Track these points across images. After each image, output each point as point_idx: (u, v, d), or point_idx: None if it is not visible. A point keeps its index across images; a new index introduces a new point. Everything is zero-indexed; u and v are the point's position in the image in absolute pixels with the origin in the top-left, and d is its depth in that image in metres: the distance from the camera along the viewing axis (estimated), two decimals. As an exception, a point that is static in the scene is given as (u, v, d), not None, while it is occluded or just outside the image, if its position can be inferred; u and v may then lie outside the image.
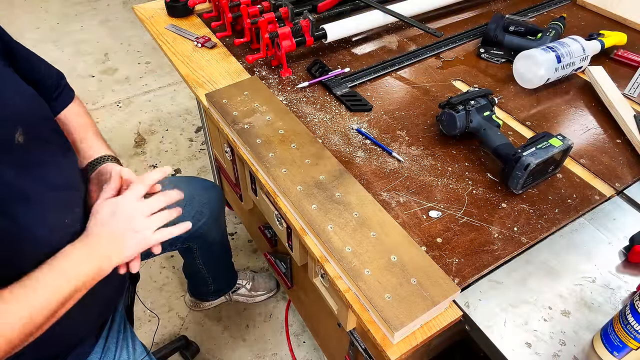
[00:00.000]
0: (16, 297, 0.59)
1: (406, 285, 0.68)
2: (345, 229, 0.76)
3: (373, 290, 0.68)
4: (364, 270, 0.70)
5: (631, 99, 1.09)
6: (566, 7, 1.44)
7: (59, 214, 0.69)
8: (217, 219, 1.23)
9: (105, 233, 0.69)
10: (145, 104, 2.47)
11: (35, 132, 0.66)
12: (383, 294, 0.67)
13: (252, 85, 1.04)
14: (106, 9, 3.26)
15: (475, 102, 0.92)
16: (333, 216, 0.78)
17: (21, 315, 0.58)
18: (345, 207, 0.79)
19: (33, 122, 0.66)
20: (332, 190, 0.82)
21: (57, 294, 0.62)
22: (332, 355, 1.28)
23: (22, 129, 0.63)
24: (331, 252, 0.73)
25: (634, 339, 0.61)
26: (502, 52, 1.20)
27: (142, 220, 0.71)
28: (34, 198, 0.64)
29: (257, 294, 1.62)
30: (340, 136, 0.97)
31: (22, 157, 0.63)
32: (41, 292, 0.60)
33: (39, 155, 0.67)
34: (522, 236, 0.80)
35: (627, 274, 0.76)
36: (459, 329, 0.72)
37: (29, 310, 0.59)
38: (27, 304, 0.59)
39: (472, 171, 0.91)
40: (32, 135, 0.65)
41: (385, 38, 1.28)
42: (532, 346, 0.66)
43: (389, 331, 0.65)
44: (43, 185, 0.66)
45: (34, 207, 0.64)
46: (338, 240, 0.74)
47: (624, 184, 0.90)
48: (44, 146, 0.68)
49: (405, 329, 0.65)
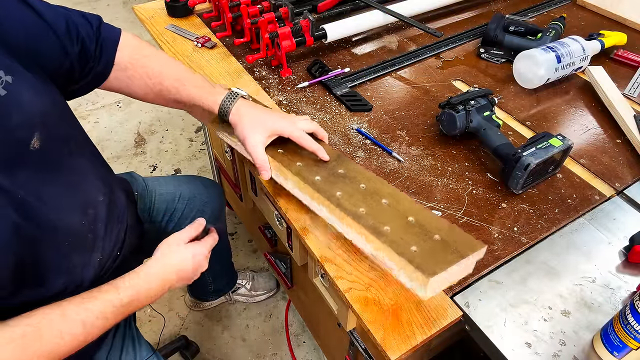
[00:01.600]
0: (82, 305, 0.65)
1: (430, 241, 0.63)
2: (355, 195, 0.72)
3: (397, 244, 0.62)
4: (383, 228, 0.65)
5: (631, 99, 1.09)
6: (566, 7, 1.44)
7: (75, 217, 0.70)
8: (217, 218, 1.23)
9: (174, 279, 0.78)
10: (145, 104, 2.45)
11: (52, 136, 0.65)
12: (408, 248, 0.62)
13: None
14: (106, 9, 3.26)
15: (475, 102, 0.93)
16: (341, 186, 0.74)
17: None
18: (351, 180, 0.75)
19: (50, 126, 0.65)
20: (333, 168, 0.78)
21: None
22: (332, 355, 1.28)
23: (39, 134, 0.62)
24: (345, 212, 0.68)
25: (634, 339, 0.61)
26: (502, 52, 1.21)
27: (194, 265, 0.81)
28: (50, 202, 0.64)
29: (257, 294, 1.62)
30: (340, 136, 0.97)
31: (38, 161, 0.62)
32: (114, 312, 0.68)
33: (55, 158, 0.66)
34: (522, 236, 0.80)
35: (627, 274, 0.76)
36: (459, 329, 0.72)
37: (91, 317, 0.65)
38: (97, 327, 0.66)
39: (472, 171, 0.91)
40: (49, 140, 0.64)
41: (385, 38, 1.28)
42: (532, 346, 0.66)
43: (422, 281, 0.59)
44: (59, 189, 0.66)
45: (50, 211, 0.64)
46: (350, 204, 0.70)
47: (624, 184, 0.90)
48: (60, 150, 0.67)
49: (438, 280, 0.59)
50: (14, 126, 0.58)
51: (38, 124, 0.62)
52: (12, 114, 0.58)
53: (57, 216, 0.66)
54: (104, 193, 0.78)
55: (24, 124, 0.60)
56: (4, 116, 0.57)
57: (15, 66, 0.60)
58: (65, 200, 0.68)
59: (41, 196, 0.63)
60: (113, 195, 0.82)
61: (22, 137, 0.60)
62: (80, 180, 0.72)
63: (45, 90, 0.66)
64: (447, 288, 0.72)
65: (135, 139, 2.26)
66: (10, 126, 0.58)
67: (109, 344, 0.87)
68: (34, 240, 0.62)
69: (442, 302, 0.70)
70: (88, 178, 0.75)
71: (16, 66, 0.61)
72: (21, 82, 0.60)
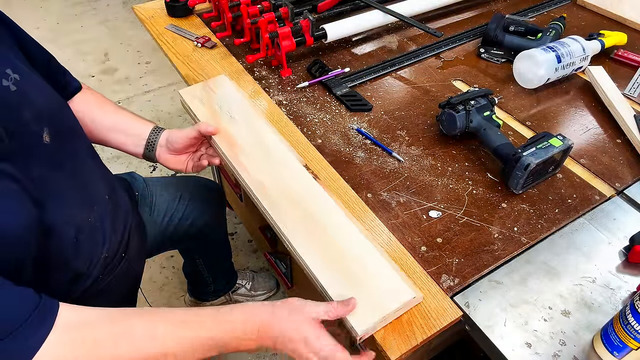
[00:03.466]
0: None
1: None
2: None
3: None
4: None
5: (631, 99, 1.09)
6: (566, 7, 1.44)
7: (84, 213, 0.72)
8: (217, 218, 1.23)
9: (276, 324, 0.62)
10: (145, 104, 2.46)
11: (59, 132, 0.69)
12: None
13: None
14: (106, 9, 3.26)
15: (475, 102, 0.92)
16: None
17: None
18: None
19: (58, 123, 0.69)
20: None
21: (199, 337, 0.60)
22: (332, 355, 1.28)
23: (48, 129, 0.66)
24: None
25: (634, 339, 0.61)
26: (502, 52, 1.20)
27: (311, 344, 0.61)
28: (61, 195, 0.67)
29: (257, 294, 1.62)
30: (340, 136, 0.97)
31: (50, 155, 0.66)
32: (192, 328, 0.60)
33: (64, 154, 0.69)
34: (522, 236, 0.80)
35: (627, 274, 0.76)
36: (459, 329, 0.72)
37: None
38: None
39: (472, 171, 0.91)
40: (57, 135, 0.67)
41: (385, 38, 1.28)
42: (532, 346, 0.66)
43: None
44: (68, 183, 0.69)
45: (61, 205, 0.66)
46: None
47: (624, 184, 0.90)
48: (67, 146, 0.71)
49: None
50: (27, 120, 0.62)
51: (46, 119, 0.66)
52: (24, 108, 0.62)
53: (68, 211, 0.68)
54: (108, 192, 0.80)
55: (35, 118, 0.64)
56: (18, 110, 0.61)
57: (21, 67, 0.66)
58: (74, 195, 0.70)
59: (53, 190, 0.65)
60: (116, 194, 0.83)
61: (35, 130, 0.64)
62: (86, 177, 0.75)
63: (48, 89, 0.71)
64: (447, 288, 0.72)
65: (135, 139, 2.26)
66: (25, 119, 0.62)
67: None
68: (47, 233, 0.64)
69: (442, 302, 0.70)
70: (93, 176, 0.77)
71: (22, 67, 0.66)
72: (28, 81, 0.65)
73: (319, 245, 0.73)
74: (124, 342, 0.56)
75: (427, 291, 0.71)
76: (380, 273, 0.70)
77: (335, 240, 0.74)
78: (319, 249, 0.72)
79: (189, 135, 0.90)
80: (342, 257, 0.71)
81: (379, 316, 0.64)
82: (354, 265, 0.70)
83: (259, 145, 0.89)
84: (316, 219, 0.77)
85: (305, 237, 0.74)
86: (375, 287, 0.68)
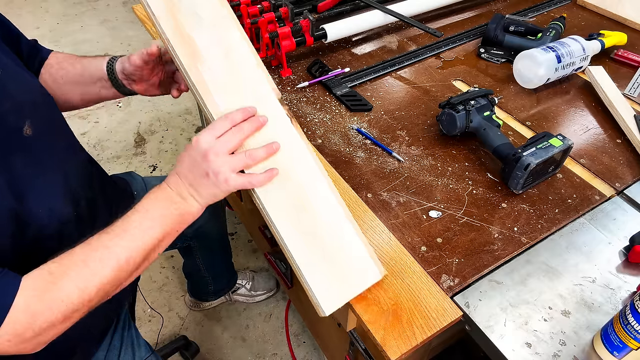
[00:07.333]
0: (114, 242, 0.60)
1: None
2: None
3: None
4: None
5: (631, 99, 1.09)
6: (566, 7, 1.44)
7: (67, 206, 0.72)
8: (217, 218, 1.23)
9: (182, 175, 0.65)
10: (145, 104, 2.47)
11: (42, 125, 0.69)
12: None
13: None
14: (106, 9, 3.26)
15: (475, 102, 0.92)
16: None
17: (119, 257, 0.60)
18: None
19: (41, 115, 0.70)
20: None
21: (147, 235, 0.62)
22: (332, 355, 1.28)
23: (30, 121, 0.66)
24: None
25: (634, 339, 0.61)
26: (502, 52, 1.20)
27: (216, 160, 0.62)
28: (41, 188, 0.67)
29: (257, 294, 1.62)
30: (340, 136, 0.97)
31: (32, 147, 0.66)
32: (132, 233, 0.61)
33: (47, 147, 0.70)
34: (522, 236, 0.80)
35: (627, 274, 0.76)
36: (459, 329, 0.72)
37: (126, 252, 0.60)
38: (123, 247, 0.60)
39: (472, 171, 0.91)
40: (40, 128, 0.68)
41: (385, 38, 1.28)
42: (532, 346, 0.66)
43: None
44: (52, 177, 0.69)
45: (42, 196, 0.67)
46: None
47: (624, 184, 0.90)
48: (51, 139, 0.71)
49: None
50: (4, 111, 0.62)
51: (28, 113, 0.66)
52: (3, 101, 0.63)
53: (49, 205, 0.68)
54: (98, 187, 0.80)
55: (15, 111, 0.64)
56: None
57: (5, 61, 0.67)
58: (57, 189, 0.70)
59: (35, 183, 0.66)
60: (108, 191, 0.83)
61: (14, 123, 0.64)
62: (71, 172, 0.75)
63: (33, 84, 0.72)
64: (447, 288, 0.72)
65: (135, 139, 2.26)
66: (2, 111, 0.62)
67: (108, 343, 0.87)
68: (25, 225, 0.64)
69: (442, 302, 0.70)
70: (79, 171, 0.77)
71: (6, 61, 0.67)
72: (9, 74, 0.66)
73: (292, 209, 0.68)
74: (88, 264, 0.58)
75: (427, 291, 0.71)
76: (351, 247, 0.70)
77: (312, 203, 0.69)
78: (292, 213, 0.68)
79: (136, 63, 0.79)
80: (315, 225, 0.68)
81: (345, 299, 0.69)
82: (327, 237, 0.69)
83: (228, 63, 0.70)
84: (290, 175, 0.69)
85: (277, 193, 0.68)
86: (343, 264, 0.69)
